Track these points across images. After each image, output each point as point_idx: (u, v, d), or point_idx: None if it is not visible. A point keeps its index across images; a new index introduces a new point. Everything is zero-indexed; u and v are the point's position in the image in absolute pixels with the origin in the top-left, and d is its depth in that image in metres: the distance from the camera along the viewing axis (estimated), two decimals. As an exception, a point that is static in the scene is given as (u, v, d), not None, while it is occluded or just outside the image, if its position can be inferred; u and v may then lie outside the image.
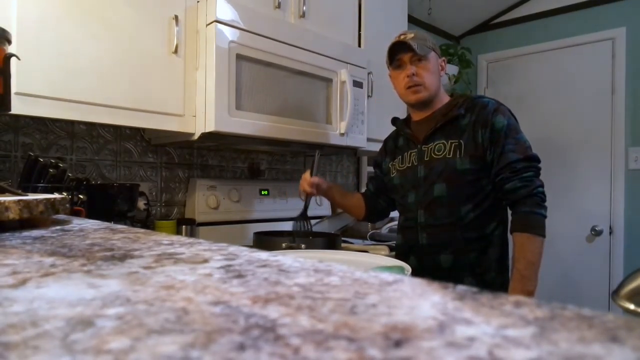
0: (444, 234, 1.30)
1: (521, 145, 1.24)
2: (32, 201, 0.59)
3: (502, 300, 0.24)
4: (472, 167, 1.26)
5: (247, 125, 1.47)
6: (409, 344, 0.18)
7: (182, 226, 1.65)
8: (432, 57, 1.35)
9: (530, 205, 1.21)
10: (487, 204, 1.29)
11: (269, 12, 1.61)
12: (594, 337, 0.19)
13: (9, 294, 0.26)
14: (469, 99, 1.35)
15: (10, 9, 1.10)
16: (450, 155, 1.29)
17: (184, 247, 0.43)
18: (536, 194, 1.21)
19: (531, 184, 1.22)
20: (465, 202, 1.28)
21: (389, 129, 2.16)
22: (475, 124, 1.28)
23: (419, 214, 1.34)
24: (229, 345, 0.18)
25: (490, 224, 1.29)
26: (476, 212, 1.28)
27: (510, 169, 1.23)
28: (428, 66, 1.33)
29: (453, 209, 1.29)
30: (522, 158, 1.23)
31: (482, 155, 1.26)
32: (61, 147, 1.48)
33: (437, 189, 1.30)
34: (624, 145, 2.55)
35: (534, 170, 1.24)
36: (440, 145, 1.32)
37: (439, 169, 1.30)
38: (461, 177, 1.27)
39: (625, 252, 2.54)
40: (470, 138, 1.28)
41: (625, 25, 2.57)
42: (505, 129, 1.25)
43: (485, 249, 1.29)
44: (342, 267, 0.34)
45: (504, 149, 1.24)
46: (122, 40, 1.29)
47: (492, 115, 1.27)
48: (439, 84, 1.38)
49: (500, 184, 1.25)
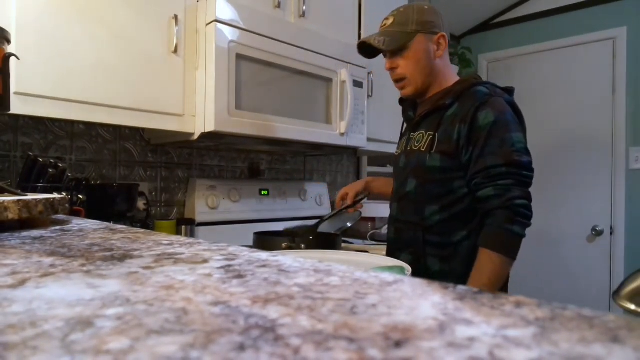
0: (406, 232, 1.21)
1: (506, 147, 1.07)
2: (32, 201, 0.59)
3: (502, 300, 0.24)
4: (442, 165, 1.13)
5: (247, 125, 1.47)
6: (409, 345, 0.18)
7: (182, 226, 1.65)
8: (418, 42, 1.18)
9: (500, 218, 1.05)
10: (458, 209, 1.14)
11: (268, 11, 1.61)
12: (594, 337, 0.19)
13: (8, 294, 0.26)
14: (467, 86, 1.18)
15: (9, 8, 1.10)
16: (424, 149, 1.17)
17: (184, 247, 0.43)
18: (511, 207, 1.04)
19: (507, 193, 1.05)
20: (431, 203, 1.16)
21: (389, 129, 2.16)
22: (455, 117, 1.13)
23: (393, 206, 1.28)
24: (228, 345, 0.18)
25: (458, 232, 1.14)
26: (442, 216, 1.15)
27: (485, 174, 1.07)
28: (409, 55, 1.19)
29: (418, 208, 1.18)
30: (503, 163, 1.06)
31: (455, 154, 1.12)
32: (60, 147, 1.48)
33: (409, 184, 1.21)
34: (625, 145, 2.55)
35: (515, 178, 1.06)
36: (420, 136, 1.21)
37: (413, 163, 1.20)
38: (429, 175, 1.15)
39: (626, 252, 2.54)
40: (445, 132, 1.14)
41: (626, 25, 2.57)
42: (491, 126, 1.08)
43: (448, 259, 1.15)
44: (342, 267, 0.34)
45: (483, 151, 1.08)
46: (122, 39, 1.29)
47: (477, 109, 1.10)
48: (432, 68, 1.21)
49: (473, 189, 1.11)
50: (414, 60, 1.19)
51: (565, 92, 2.76)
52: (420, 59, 1.19)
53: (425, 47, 1.20)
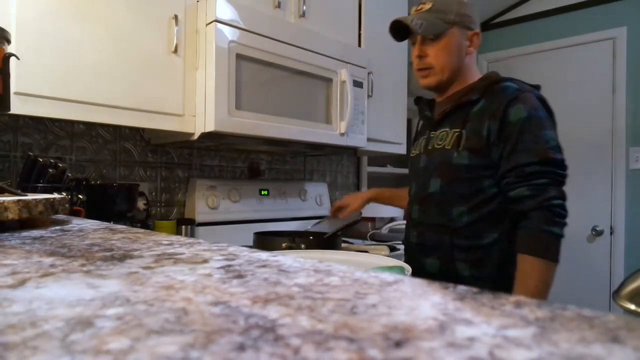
0: (432, 235, 1.15)
1: (541, 144, 1.02)
2: (32, 201, 0.59)
3: (502, 300, 0.24)
4: (471, 162, 1.08)
5: (247, 125, 1.47)
6: (409, 345, 0.18)
7: (182, 226, 1.65)
8: (452, 34, 1.13)
9: (537, 220, 0.99)
10: (488, 209, 1.08)
11: (269, 11, 1.61)
12: (594, 337, 0.19)
13: (8, 294, 0.26)
14: (492, 82, 1.14)
15: (9, 8, 1.10)
16: (450, 147, 1.11)
17: (184, 247, 0.43)
18: (548, 207, 0.99)
19: (543, 193, 1.00)
20: (459, 203, 1.10)
21: (389, 129, 2.16)
22: (483, 112, 1.08)
23: (414, 209, 1.22)
24: (228, 345, 0.18)
25: (489, 235, 1.08)
26: (471, 217, 1.09)
27: (518, 172, 1.02)
28: (442, 45, 1.13)
29: (444, 209, 1.12)
30: (537, 161, 1.01)
31: (486, 151, 1.06)
32: (60, 147, 1.48)
33: (432, 184, 1.15)
34: (625, 145, 2.55)
35: (551, 177, 1.01)
36: (443, 134, 1.15)
37: (437, 161, 1.14)
38: (456, 173, 1.10)
39: (626, 252, 2.54)
40: (472, 129, 1.09)
41: (626, 25, 2.57)
42: (523, 122, 1.03)
43: (479, 263, 1.09)
44: (342, 267, 0.34)
45: (515, 147, 1.03)
46: (122, 39, 1.29)
47: (508, 105, 1.05)
48: (460, 63, 1.16)
49: (505, 189, 1.06)
50: (447, 51, 1.14)
51: (565, 92, 2.76)
52: (452, 51, 1.14)
53: (459, 40, 1.15)
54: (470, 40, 1.17)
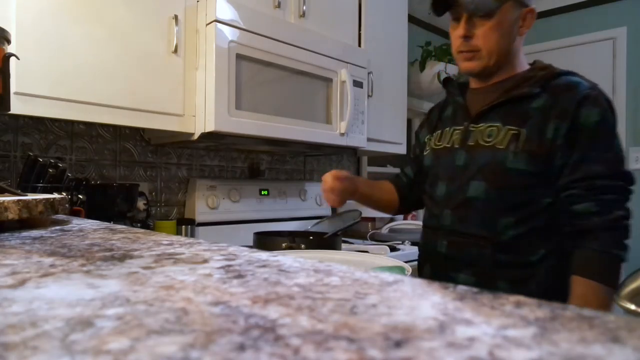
0: (469, 247, 0.98)
1: (612, 154, 0.90)
2: (32, 201, 0.59)
3: (502, 300, 0.24)
4: (528, 168, 0.93)
5: (247, 125, 1.47)
6: (409, 345, 0.18)
7: (182, 226, 1.65)
8: (506, 10, 0.96)
9: (603, 241, 0.87)
10: (538, 223, 0.94)
11: (268, 11, 1.61)
12: (594, 337, 0.19)
13: (8, 294, 0.26)
14: (553, 74, 0.98)
15: (9, 8, 1.10)
16: (503, 146, 0.95)
17: (184, 248, 0.43)
18: (617, 228, 0.88)
19: (612, 211, 0.88)
20: (506, 213, 0.95)
21: (389, 129, 2.16)
22: (549, 110, 0.93)
23: (444, 214, 1.03)
24: (228, 345, 0.18)
25: (537, 251, 0.94)
26: (519, 230, 0.94)
27: (588, 184, 0.89)
28: (493, 24, 0.96)
29: (488, 219, 0.96)
30: (609, 174, 0.89)
31: (548, 156, 0.92)
32: (60, 147, 1.48)
33: (473, 187, 0.98)
34: (625, 145, 2.56)
35: (620, 193, 0.90)
36: (493, 130, 0.98)
37: (482, 161, 0.98)
38: (509, 179, 0.94)
39: (625, 252, 2.54)
40: (536, 128, 0.93)
41: (626, 25, 2.57)
42: (597, 126, 0.90)
43: (522, 282, 0.94)
44: (342, 267, 0.34)
45: (585, 156, 0.90)
46: (122, 39, 1.29)
47: (580, 104, 0.91)
48: (510, 46, 1.00)
49: (567, 201, 0.92)
50: (498, 31, 0.97)
51: (565, 92, 2.76)
52: (504, 32, 0.97)
53: (512, 18, 0.98)
54: (523, 19, 1.00)
